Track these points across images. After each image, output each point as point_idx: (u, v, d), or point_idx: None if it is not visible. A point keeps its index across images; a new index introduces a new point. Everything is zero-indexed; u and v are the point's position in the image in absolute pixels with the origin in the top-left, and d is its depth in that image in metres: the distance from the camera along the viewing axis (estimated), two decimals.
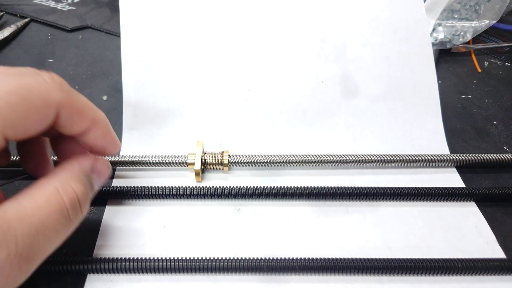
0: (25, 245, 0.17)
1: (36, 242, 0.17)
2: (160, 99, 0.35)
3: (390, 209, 0.30)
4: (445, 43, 0.50)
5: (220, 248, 0.27)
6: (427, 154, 0.33)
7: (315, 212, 0.29)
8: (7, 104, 0.17)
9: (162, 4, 0.36)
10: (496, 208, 0.30)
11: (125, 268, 0.24)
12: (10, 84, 0.17)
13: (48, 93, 0.18)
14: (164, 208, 0.29)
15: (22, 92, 0.17)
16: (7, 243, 0.16)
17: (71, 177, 0.20)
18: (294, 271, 0.24)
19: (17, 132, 0.18)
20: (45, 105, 0.18)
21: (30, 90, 0.18)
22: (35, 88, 0.18)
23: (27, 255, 0.17)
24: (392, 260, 0.25)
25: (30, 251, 0.17)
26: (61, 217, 0.19)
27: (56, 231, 0.18)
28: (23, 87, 0.17)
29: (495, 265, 0.25)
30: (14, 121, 0.17)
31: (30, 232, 0.17)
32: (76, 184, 0.20)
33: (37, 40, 0.49)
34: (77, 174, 0.21)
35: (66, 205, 0.19)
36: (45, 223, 0.18)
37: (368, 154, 0.32)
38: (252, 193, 0.29)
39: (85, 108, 0.21)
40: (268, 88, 0.36)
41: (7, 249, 0.16)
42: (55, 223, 0.18)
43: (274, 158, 0.32)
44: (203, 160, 0.31)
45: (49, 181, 0.19)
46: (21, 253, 0.16)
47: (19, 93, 0.17)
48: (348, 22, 0.38)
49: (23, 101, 0.17)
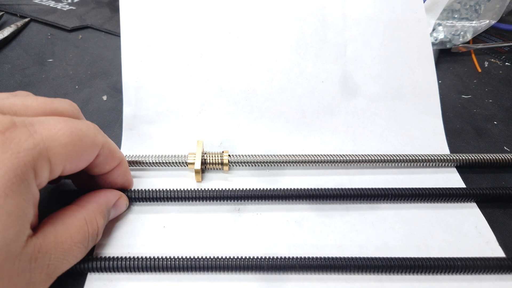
0: (53, 267, 0.20)
1: (60, 265, 0.20)
2: (160, 99, 0.35)
3: (390, 209, 0.30)
4: (445, 43, 0.50)
5: (220, 247, 0.27)
6: (427, 154, 0.33)
7: (315, 212, 0.29)
8: (70, 141, 0.20)
9: (162, 4, 0.36)
10: (496, 208, 0.30)
11: (125, 267, 0.24)
12: (69, 126, 0.20)
13: (95, 136, 0.22)
14: (164, 208, 0.29)
15: (79, 133, 0.21)
16: (43, 264, 0.19)
17: (97, 210, 0.24)
18: (294, 270, 0.24)
19: (71, 167, 0.21)
20: (94, 145, 0.22)
21: (84, 133, 0.21)
22: (86, 131, 0.22)
23: (51, 273, 0.20)
24: (392, 259, 0.25)
25: (55, 270, 0.20)
26: (82, 245, 0.22)
27: (76, 256, 0.22)
28: (79, 129, 0.21)
29: (495, 264, 0.25)
30: (72, 156, 0.21)
31: (60, 257, 0.20)
32: (100, 217, 0.24)
33: (37, 40, 0.49)
34: (103, 208, 0.24)
35: (89, 236, 0.22)
36: (72, 250, 0.21)
37: (368, 154, 0.32)
38: (252, 193, 0.29)
39: (115, 148, 0.25)
40: (268, 88, 0.36)
41: (41, 268, 0.19)
42: (77, 251, 0.22)
43: (274, 158, 0.32)
44: (203, 160, 0.31)
45: (79, 211, 0.23)
46: (48, 272, 0.19)
47: (77, 134, 0.21)
48: (348, 22, 0.38)
49: (79, 141, 0.21)
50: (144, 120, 0.35)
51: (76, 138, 0.21)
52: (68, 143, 0.20)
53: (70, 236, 0.21)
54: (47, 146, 0.19)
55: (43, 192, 0.26)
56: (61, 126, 0.20)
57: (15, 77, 0.42)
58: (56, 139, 0.19)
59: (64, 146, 0.20)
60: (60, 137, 0.20)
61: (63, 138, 0.20)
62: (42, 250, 0.19)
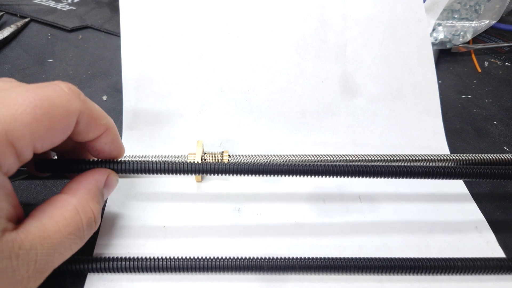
0: (42, 262, 0.18)
1: (51, 259, 0.19)
2: (160, 99, 0.35)
3: (390, 209, 0.30)
4: (445, 43, 0.50)
5: (220, 247, 0.27)
6: (427, 154, 0.33)
7: (315, 212, 0.29)
8: (33, 118, 0.17)
9: (162, 4, 0.36)
10: (496, 208, 0.30)
11: (125, 267, 0.24)
12: (33, 98, 0.17)
13: (69, 103, 0.19)
14: (164, 208, 0.29)
15: (45, 104, 0.18)
16: (28, 261, 0.17)
17: (88, 196, 0.21)
18: (294, 270, 0.24)
19: (44, 144, 0.19)
20: (68, 115, 0.19)
21: (52, 102, 0.18)
22: (57, 99, 0.18)
23: (42, 269, 0.18)
24: (392, 260, 0.25)
25: (45, 266, 0.18)
26: (77, 236, 0.20)
27: (70, 248, 0.20)
28: (46, 99, 0.18)
29: (495, 264, 0.25)
30: (41, 134, 0.18)
31: (49, 252, 0.18)
32: (93, 203, 0.21)
33: (37, 40, 0.49)
34: (94, 192, 0.22)
35: (83, 225, 0.20)
36: (63, 243, 0.19)
37: (368, 154, 0.32)
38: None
39: (99, 115, 0.22)
40: (268, 88, 0.36)
41: (27, 265, 0.17)
42: (70, 242, 0.20)
43: (274, 158, 0.32)
44: (203, 160, 0.31)
45: (68, 200, 0.20)
46: (37, 268, 0.18)
47: (43, 106, 0.18)
48: (348, 22, 0.38)
49: (47, 113, 0.18)
50: (144, 120, 0.35)
51: (43, 111, 0.17)
52: (31, 120, 0.17)
53: (59, 229, 0.19)
54: (5, 129, 0.16)
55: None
56: (23, 99, 0.17)
57: (15, 77, 0.42)
58: (17, 118, 0.17)
59: (27, 125, 0.17)
60: (21, 115, 0.17)
61: (24, 116, 0.17)
62: (25, 246, 0.17)
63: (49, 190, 0.30)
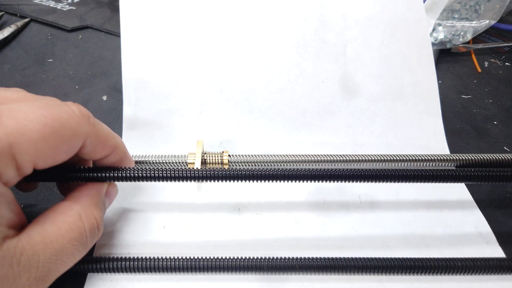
0: (44, 269, 0.18)
1: (54, 266, 0.18)
2: (160, 99, 0.35)
3: (390, 209, 0.30)
4: (445, 43, 0.50)
5: (220, 247, 0.27)
6: (427, 154, 0.33)
7: (315, 212, 0.29)
8: (41, 136, 0.17)
9: (162, 4, 0.36)
10: (496, 208, 0.30)
11: (125, 268, 0.24)
12: (44, 116, 0.18)
13: (78, 126, 0.19)
14: (164, 208, 0.29)
15: (55, 124, 0.18)
16: (30, 267, 0.17)
17: (91, 203, 0.21)
18: (294, 270, 0.24)
19: (46, 162, 0.19)
20: (75, 137, 0.19)
21: (62, 123, 0.18)
22: (67, 121, 0.19)
23: (43, 277, 0.18)
24: (392, 260, 0.25)
25: (47, 273, 0.18)
26: (80, 243, 0.20)
27: (73, 256, 0.20)
28: (57, 119, 0.18)
29: (495, 264, 0.25)
30: (45, 152, 0.18)
31: (51, 258, 0.18)
32: (97, 210, 0.21)
33: (37, 40, 0.49)
34: (97, 199, 0.22)
35: (87, 231, 0.20)
36: (65, 249, 0.19)
37: (368, 154, 0.32)
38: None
39: (107, 137, 0.22)
40: (268, 88, 0.36)
41: (29, 272, 0.17)
42: (73, 249, 0.19)
43: (274, 158, 0.32)
44: (203, 160, 0.31)
45: (72, 207, 0.20)
46: (39, 276, 0.18)
47: (53, 126, 0.18)
48: (348, 22, 0.38)
49: (55, 133, 0.18)
50: (144, 120, 0.35)
51: (51, 131, 0.18)
52: (39, 138, 0.17)
53: (62, 235, 0.19)
54: (11, 142, 0.16)
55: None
56: (35, 116, 0.17)
57: (15, 77, 0.42)
58: (25, 133, 0.17)
59: (33, 142, 0.17)
60: (29, 131, 0.17)
61: (33, 132, 0.17)
62: (27, 252, 0.17)
63: (49, 190, 0.30)
